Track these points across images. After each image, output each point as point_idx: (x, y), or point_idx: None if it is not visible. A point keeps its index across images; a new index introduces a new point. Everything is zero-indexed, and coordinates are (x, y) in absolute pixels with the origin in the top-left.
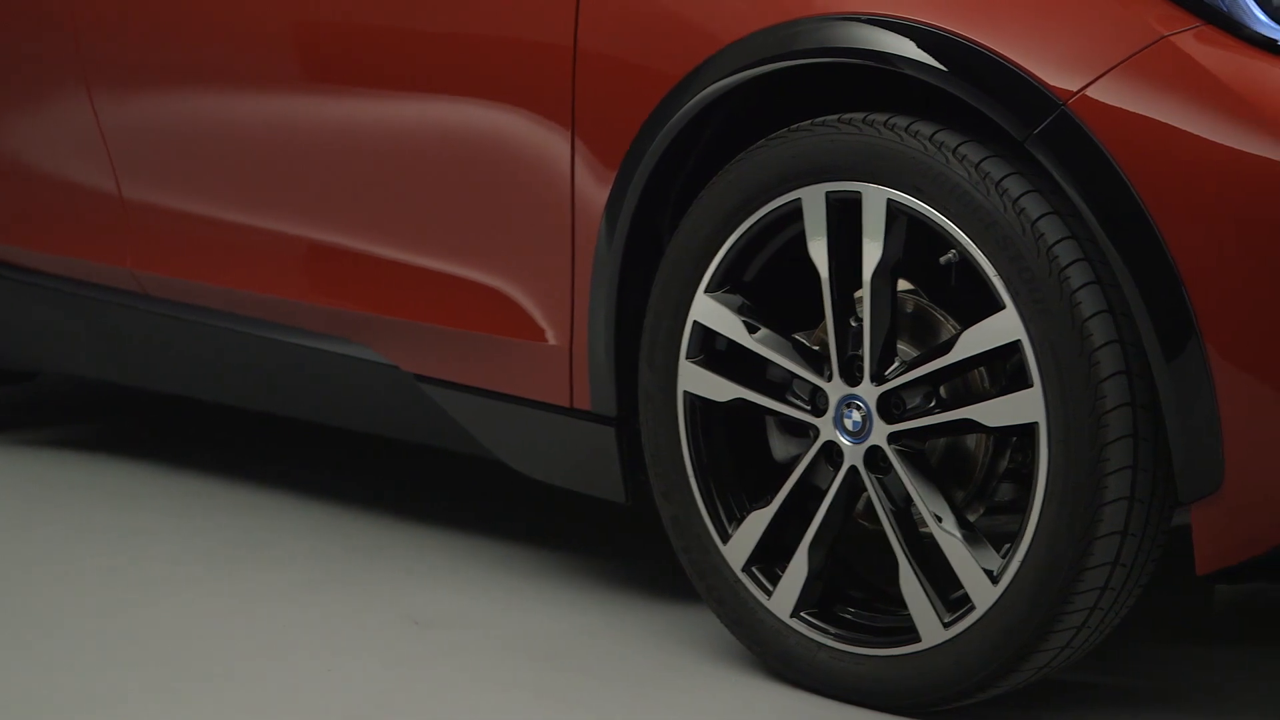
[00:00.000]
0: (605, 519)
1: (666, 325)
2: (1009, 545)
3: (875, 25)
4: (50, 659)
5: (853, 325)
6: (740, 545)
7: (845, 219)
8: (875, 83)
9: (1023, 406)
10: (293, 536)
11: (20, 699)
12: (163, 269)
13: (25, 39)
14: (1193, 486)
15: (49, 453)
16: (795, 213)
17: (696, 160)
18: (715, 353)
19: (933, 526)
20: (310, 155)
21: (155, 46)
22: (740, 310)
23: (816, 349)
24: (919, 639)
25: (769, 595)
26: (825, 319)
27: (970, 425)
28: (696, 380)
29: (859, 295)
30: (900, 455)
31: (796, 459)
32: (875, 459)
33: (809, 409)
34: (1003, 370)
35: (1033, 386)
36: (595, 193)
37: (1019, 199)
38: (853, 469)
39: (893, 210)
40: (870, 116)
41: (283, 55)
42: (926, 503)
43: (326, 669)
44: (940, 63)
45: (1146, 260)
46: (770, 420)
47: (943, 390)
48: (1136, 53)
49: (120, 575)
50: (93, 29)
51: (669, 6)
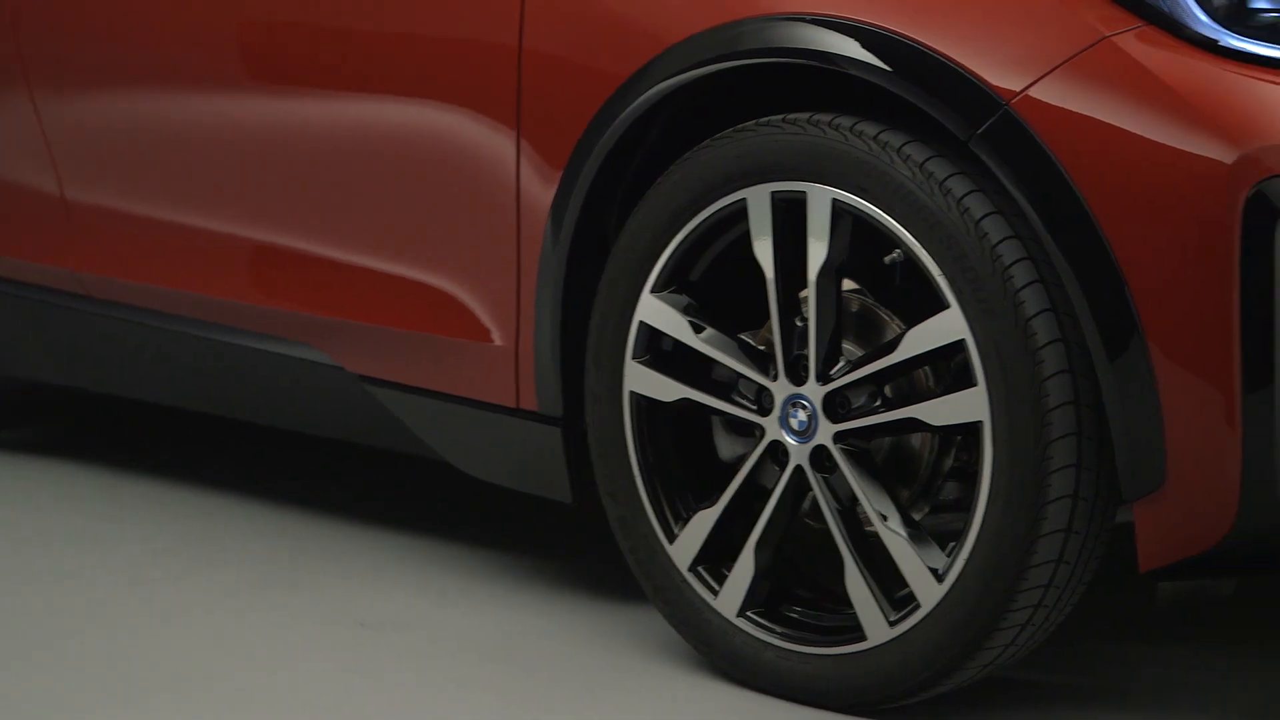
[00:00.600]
0: (552, 519)
1: (612, 325)
2: (954, 544)
3: (819, 25)
4: None
5: (798, 325)
6: (686, 545)
7: (790, 219)
8: (822, 83)
9: (967, 405)
10: (240, 539)
11: None
12: (106, 271)
13: None
14: (1135, 484)
15: None
16: (740, 213)
17: (642, 160)
18: (661, 353)
19: (878, 525)
20: (255, 156)
21: (98, 46)
22: (686, 310)
23: (762, 349)
24: (865, 638)
25: (715, 595)
26: (770, 319)
27: (915, 424)
28: (642, 380)
29: (804, 295)
30: (846, 454)
31: (742, 459)
32: (821, 458)
33: (755, 409)
34: (947, 369)
35: (977, 385)
36: (540, 193)
37: (963, 199)
38: (798, 468)
39: (837, 210)
40: (815, 116)
41: (227, 55)
42: (872, 502)
43: (274, 672)
44: (884, 63)
45: (1089, 259)
46: (716, 420)
47: (888, 389)
48: (1079, 53)
49: (66, 580)
50: (35, 29)
51: (614, 7)
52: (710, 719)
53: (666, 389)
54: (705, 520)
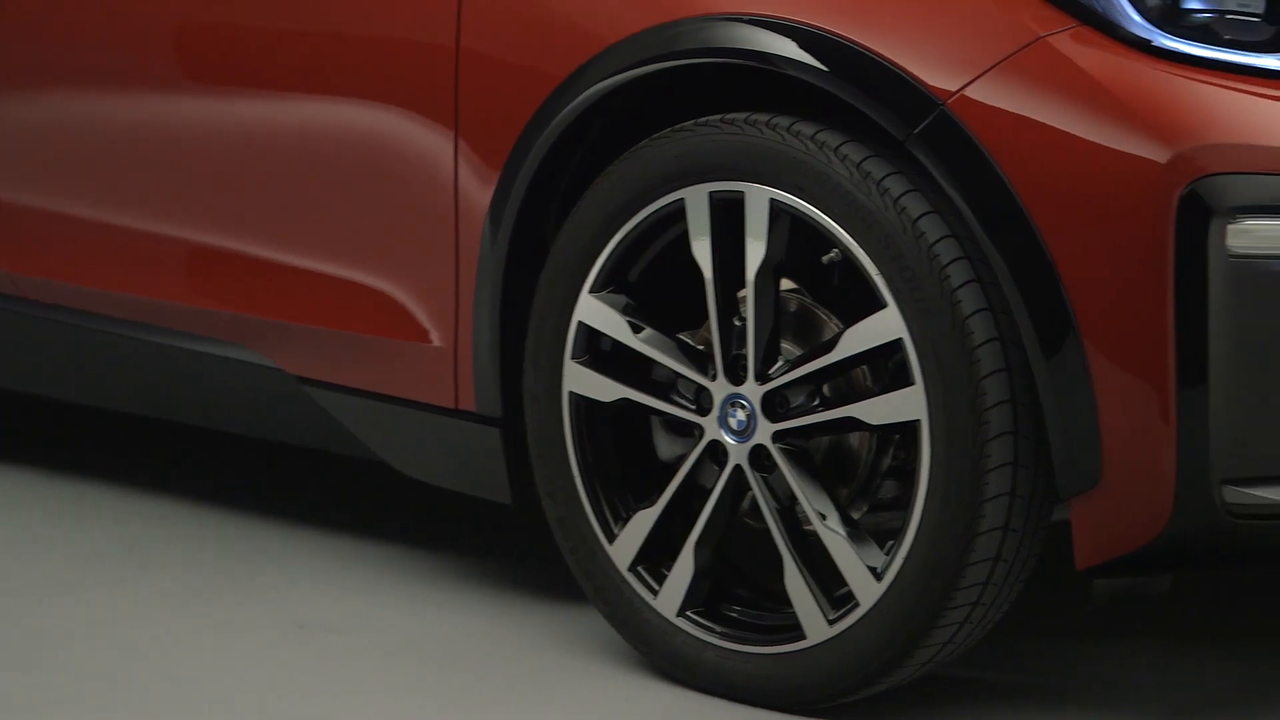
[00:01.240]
0: (491, 520)
1: (551, 326)
2: (892, 542)
3: (756, 26)
4: None
5: (736, 325)
6: (626, 545)
7: (728, 219)
8: (762, 83)
9: (905, 404)
10: (179, 543)
11: None
12: (40, 272)
13: None
14: (1072, 482)
15: None
16: (679, 213)
17: (580, 161)
18: (600, 353)
19: (817, 524)
20: (192, 157)
21: (30, 44)
22: (625, 310)
23: (701, 349)
24: (804, 636)
25: (655, 595)
26: (709, 319)
27: (853, 423)
28: (581, 381)
29: (742, 295)
30: (784, 454)
31: (682, 458)
32: (760, 458)
33: (694, 408)
34: (885, 368)
35: (915, 384)
36: (479, 193)
37: (900, 198)
38: (738, 468)
39: (775, 210)
40: (752, 116)
41: (163, 55)
42: (811, 501)
43: (214, 676)
44: (821, 63)
45: (1025, 258)
46: (655, 420)
47: (826, 389)
48: (1014, 53)
49: (1, 582)
50: None
51: (552, 7)
52: (650, 719)
53: (605, 389)
54: (645, 520)
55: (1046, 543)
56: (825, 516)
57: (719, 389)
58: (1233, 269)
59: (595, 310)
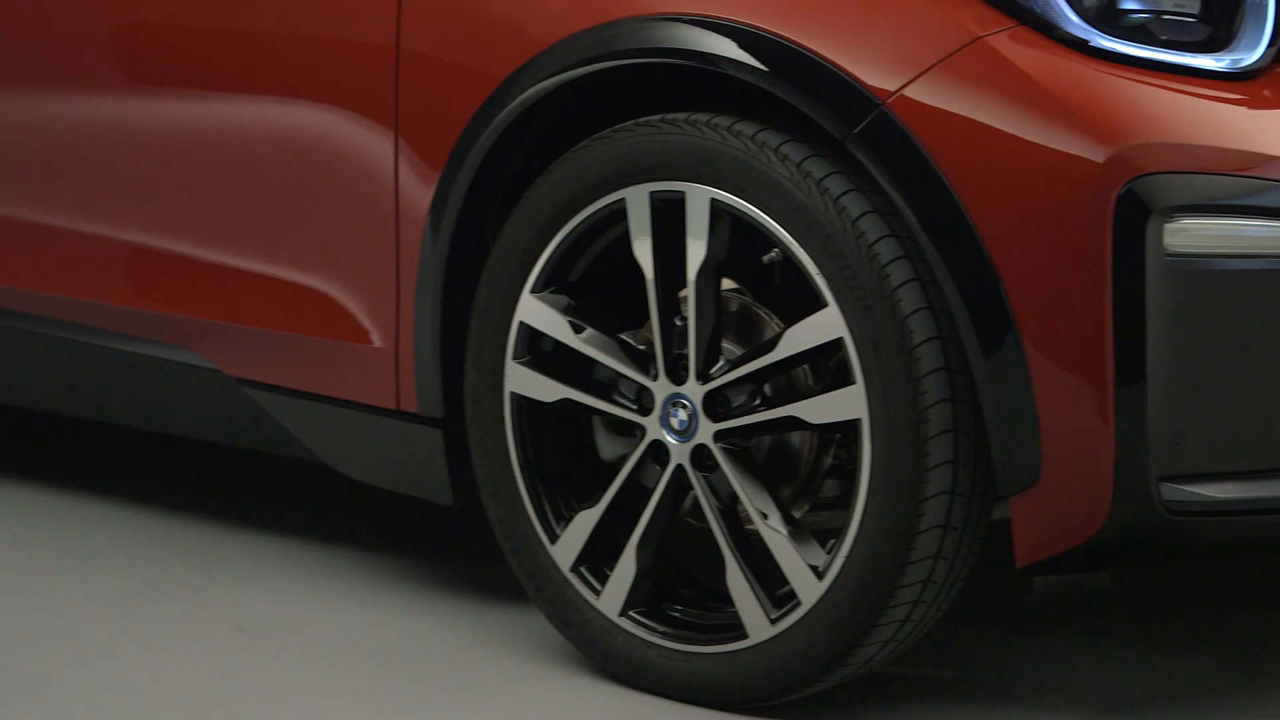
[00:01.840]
0: (432, 521)
1: (492, 326)
2: (834, 541)
3: (696, 26)
4: None
5: (678, 324)
6: (568, 545)
7: (669, 219)
8: (705, 83)
9: (846, 403)
10: (117, 544)
11: None
12: None
13: None
14: (1011, 480)
15: None
16: (620, 213)
17: (521, 161)
18: (541, 353)
19: (759, 524)
20: (131, 157)
21: None
22: (566, 310)
23: (642, 348)
24: (746, 636)
25: (597, 595)
26: (651, 318)
27: (795, 423)
28: (523, 381)
29: (684, 294)
30: (726, 453)
31: (624, 458)
32: (701, 457)
33: (635, 408)
34: (826, 368)
35: (855, 384)
36: (419, 194)
37: (840, 198)
38: (679, 467)
39: (716, 210)
40: (693, 117)
41: (103, 55)
42: (752, 500)
43: (151, 677)
44: (761, 63)
45: (964, 257)
46: (597, 420)
47: (767, 388)
48: (953, 53)
49: None
50: None
51: (492, 8)
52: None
53: (547, 389)
54: (587, 520)
55: (987, 540)
56: (767, 515)
57: (660, 389)
58: (1170, 268)
59: (536, 310)
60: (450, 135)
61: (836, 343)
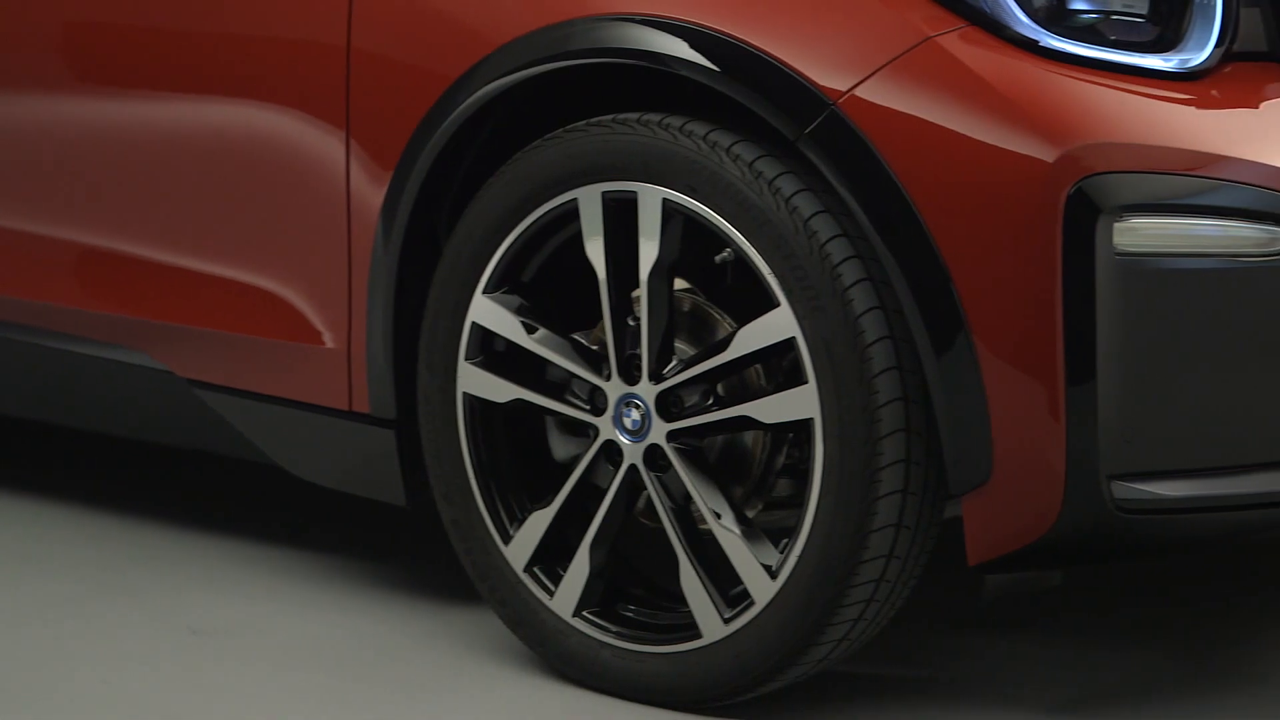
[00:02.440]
0: (385, 522)
1: (445, 327)
2: (787, 540)
3: (648, 26)
4: None
5: (630, 324)
6: (522, 546)
7: (622, 219)
8: (659, 84)
9: (798, 403)
10: (70, 547)
11: None
12: None
13: None
14: (963, 478)
15: None
16: (572, 213)
17: (474, 161)
18: (494, 354)
19: (712, 523)
20: (81, 158)
21: None
22: (518, 311)
23: (595, 349)
24: (700, 635)
25: (551, 595)
26: (603, 319)
27: (747, 422)
28: (476, 381)
29: (636, 295)
30: (679, 453)
31: (577, 459)
32: (654, 457)
33: (588, 408)
34: (779, 367)
35: (808, 383)
36: (371, 194)
37: (791, 198)
38: (632, 467)
39: (668, 210)
40: (645, 117)
41: (51, 55)
42: (705, 500)
43: (104, 680)
44: (712, 63)
45: (916, 257)
46: (550, 420)
47: (720, 388)
48: (904, 53)
49: None
50: None
51: (443, 7)
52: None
53: (500, 390)
54: (540, 521)
55: (939, 539)
56: (720, 515)
57: (613, 389)
58: (1119, 267)
59: (489, 311)
60: (402, 135)
61: (789, 342)
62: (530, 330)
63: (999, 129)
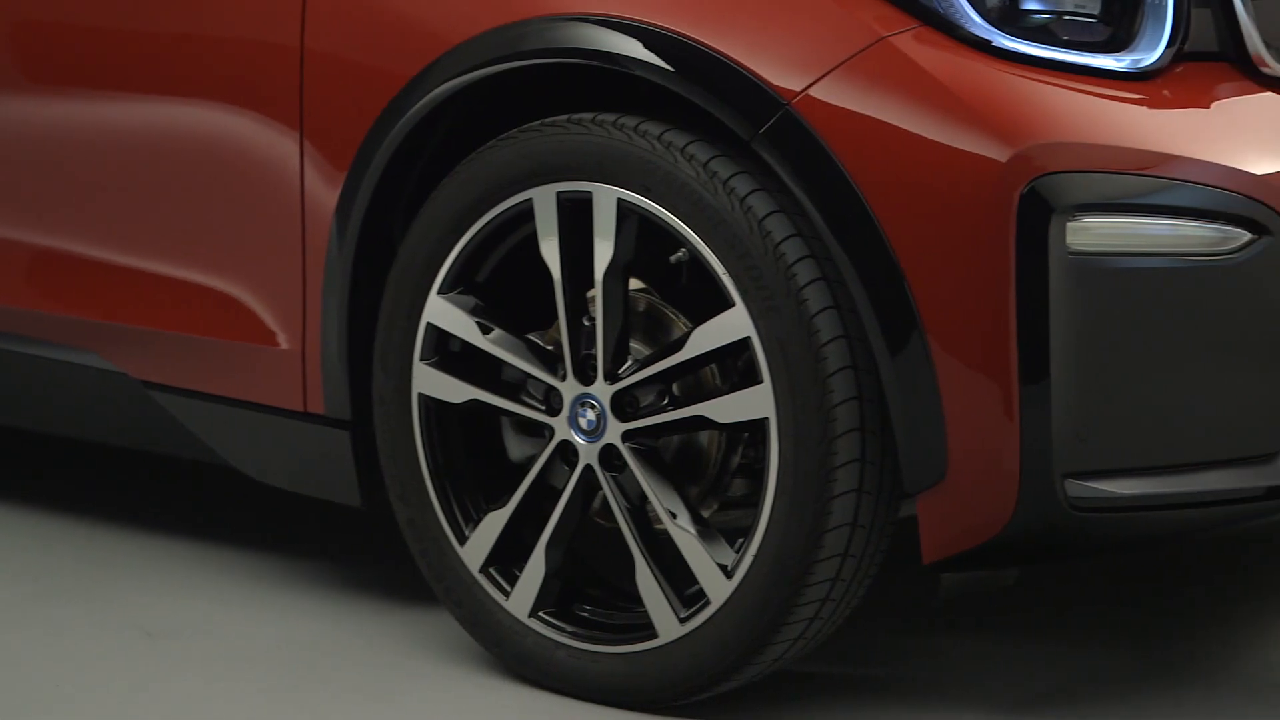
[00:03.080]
0: (340, 523)
1: (400, 327)
2: (743, 540)
3: (602, 26)
4: None
5: (586, 325)
6: (477, 546)
7: (576, 219)
8: (614, 84)
9: (753, 403)
10: (21, 551)
11: None
12: None
13: None
14: (918, 477)
15: None
16: (527, 213)
17: (428, 161)
18: (449, 354)
19: (668, 523)
20: (33, 159)
21: None
22: (473, 311)
23: (550, 349)
24: (656, 635)
25: (507, 596)
26: (558, 319)
27: (703, 422)
28: (431, 382)
29: (591, 295)
30: (634, 453)
31: (533, 459)
32: (610, 457)
33: (544, 409)
34: (734, 367)
35: (763, 383)
36: (325, 195)
37: (746, 198)
38: (588, 468)
39: (623, 210)
40: (599, 117)
41: (2, 56)
42: (661, 500)
43: (58, 684)
44: (667, 63)
45: (870, 256)
46: (506, 421)
47: (675, 388)
48: (857, 53)
49: None
50: None
51: (397, 7)
52: None
53: (455, 390)
54: (496, 521)
55: (894, 538)
56: (675, 515)
57: (569, 389)
58: (1072, 266)
59: (444, 311)
60: (356, 136)
61: (744, 342)
62: (485, 331)
63: (952, 129)
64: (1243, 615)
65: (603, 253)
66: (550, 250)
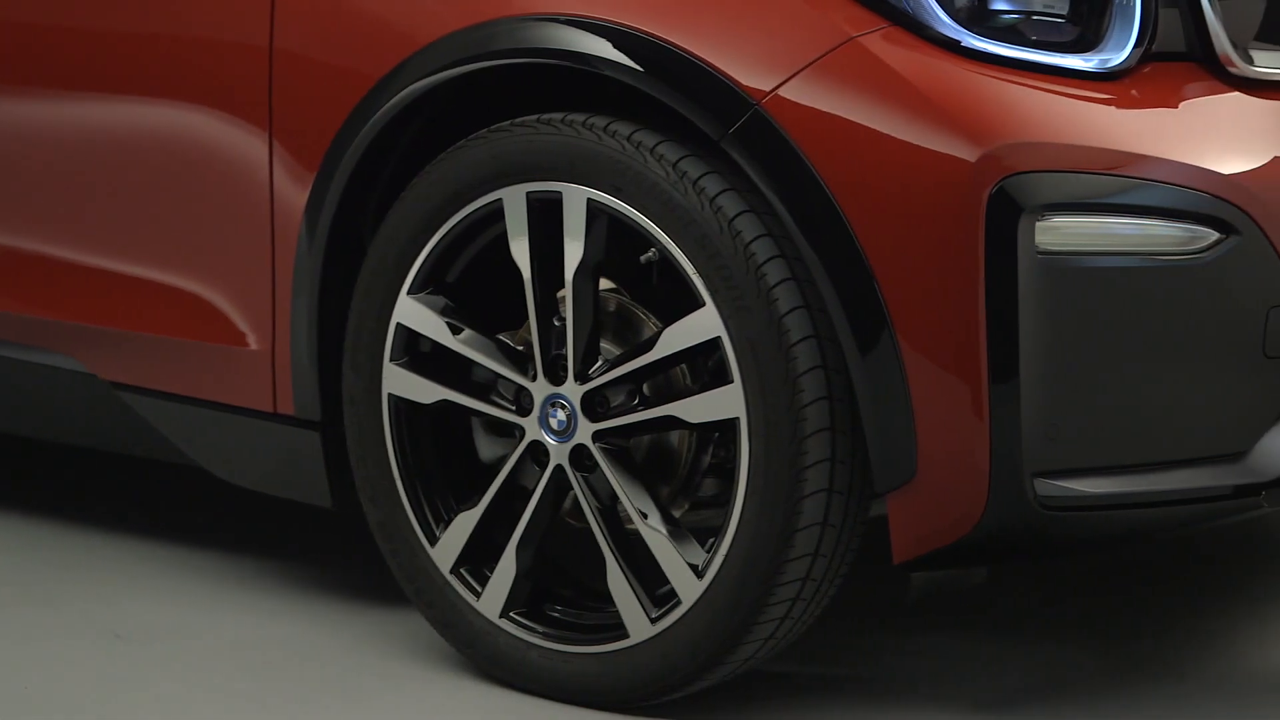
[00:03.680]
0: (311, 524)
1: (369, 328)
2: (713, 539)
3: (572, 26)
4: None
5: (556, 325)
6: (448, 547)
7: (546, 219)
8: (584, 84)
9: (723, 402)
10: None
11: None
12: None
13: None
14: (888, 477)
15: None
16: (497, 213)
17: (398, 161)
18: (419, 355)
19: (638, 523)
20: (1, 159)
21: None
22: (444, 311)
23: (521, 349)
24: (627, 635)
25: (478, 596)
26: (529, 319)
27: (673, 422)
28: (401, 383)
29: (562, 295)
30: (605, 453)
31: (503, 459)
32: (581, 457)
33: (514, 409)
34: (704, 367)
35: (733, 383)
36: (294, 195)
37: (716, 197)
38: (559, 468)
39: (593, 210)
40: (569, 117)
41: None
42: (632, 500)
43: (26, 685)
44: (636, 63)
45: (840, 256)
46: (476, 421)
47: (646, 388)
48: (826, 53)
49: None
50: None
51: (367, 7)
52: None
53: (425, 391)
54: (466, 522)
55: (865, 537)
56: (646, 515)
57: (539, 389)
58: (1041, 265)
59: (414, 312)
60: (325, 136)
61: (714, 342)
62: (455, 331)
63: (921, 129)
64: (1212, 613)
65: (573, 253)
66: (520, 250)
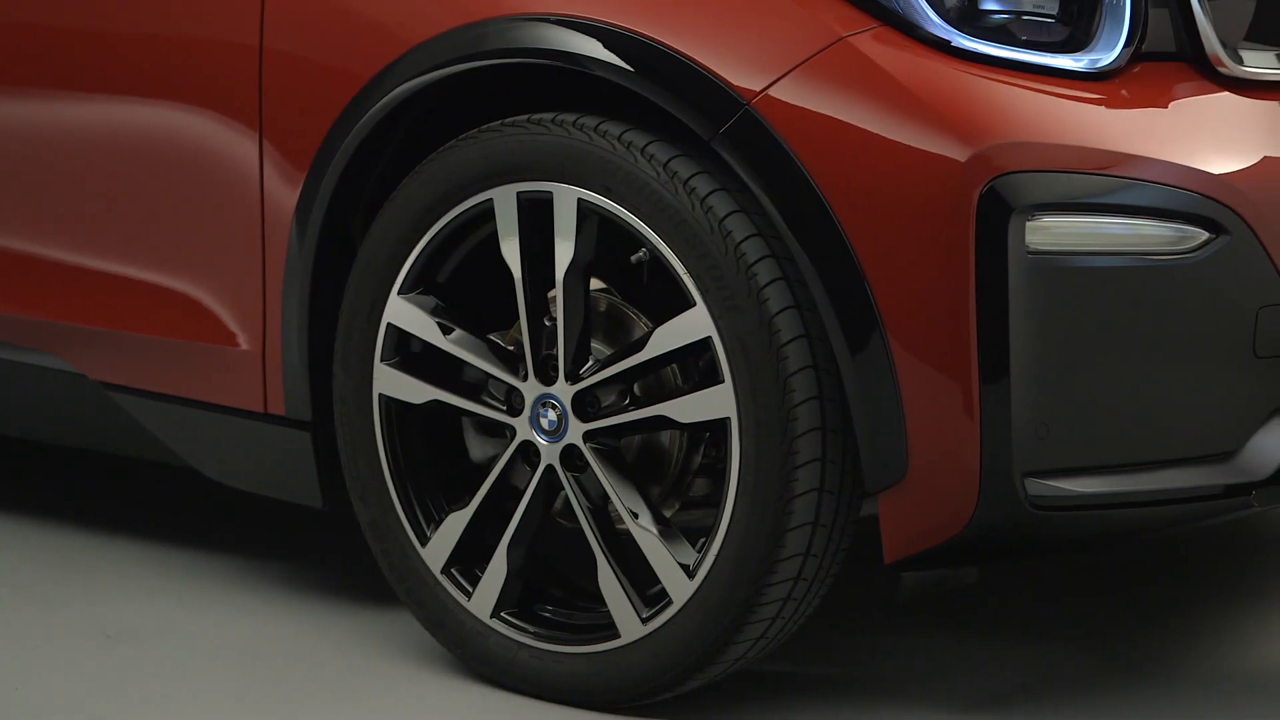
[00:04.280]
0: (301, 524)
1: (360, 328)
2: (704, 539)
3: (563, 26)
4: None
5: (547, 325)
6: (439, 547)
7: (537, 219)
8: (575, 84)
9: (714, 402)
10: None
11: None
12: None
13: None
14: (879, 476)
15: None
16: (488, 213)
17: (389, 161)
18: (410, 355)
19: (629, 523)
20: None
21: None
22: (434, 312)
23: (511, 349)
24: (618, 635)
25: (469, 597)
26: (519, 319)
27: (664, 422)
28: (391, 383)
29: (552, 295)
30: (596, 453)
31: (494, 460)
32: (572, 457)
33: (505, 409)
34: (695, 367)
35: (724, 382)
36: (285, 195)
37: (706, 197)
38: (550, 468)
39: (583, 210)
40: (560, 117)
41: None
42: (623, 500)
43: (15, 685)
44: (627, 63)
45: (830, 256)
46: (467, 421)
47: (637, 388)
48: (817, 53)
49: None
50: None
51: (357, 7)
52: None
53: (416, 391)
54: (457, 522)
55: (856, 537)
56: (637, 515)
57: (530, 389)
58: (1031, 265)
59: (404, 312)
60: (316, 136)
61: (705, 342)
62: (446, 331)
63: (911, 128)
64: (1202, 612)
65: (563, 253)
66: (511, 250)
